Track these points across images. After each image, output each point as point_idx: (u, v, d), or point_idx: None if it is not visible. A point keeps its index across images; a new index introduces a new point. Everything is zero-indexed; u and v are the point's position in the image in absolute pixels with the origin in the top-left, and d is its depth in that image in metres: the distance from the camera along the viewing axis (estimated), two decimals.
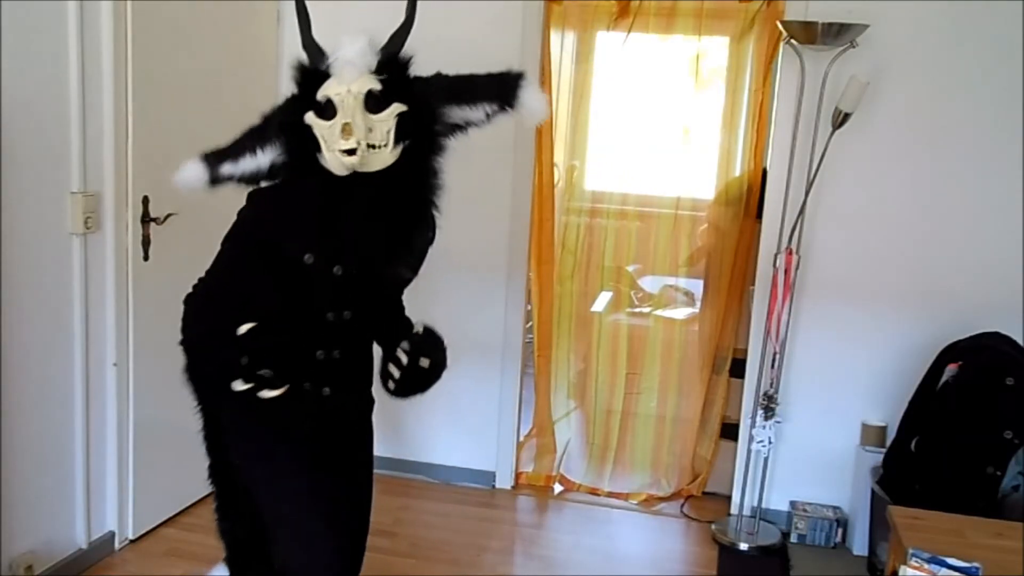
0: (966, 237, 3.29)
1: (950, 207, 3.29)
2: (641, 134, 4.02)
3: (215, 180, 1.87)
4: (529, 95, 1.82)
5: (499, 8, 3.53)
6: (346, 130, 1.69)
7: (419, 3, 1.82)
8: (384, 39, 1.80)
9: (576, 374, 4.14)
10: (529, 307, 3.92)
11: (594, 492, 3.88)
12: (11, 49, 2.49)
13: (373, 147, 1.74)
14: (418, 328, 2.01)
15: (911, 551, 2.05)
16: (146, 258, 3.03)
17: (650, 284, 4.30)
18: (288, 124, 1.80)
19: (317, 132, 1.75)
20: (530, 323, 4.00)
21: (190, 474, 3.36)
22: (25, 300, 2.63)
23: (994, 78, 3.19)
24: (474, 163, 3.52)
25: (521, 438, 3.99)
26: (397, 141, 1.76)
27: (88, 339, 2.87)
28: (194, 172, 1.87)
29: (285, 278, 1.84)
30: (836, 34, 3.05)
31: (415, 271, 1.98)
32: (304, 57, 1.82)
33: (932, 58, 3.23)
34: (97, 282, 2.88)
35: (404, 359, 1.93)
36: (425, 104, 1.79)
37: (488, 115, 1.84)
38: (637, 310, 4.26)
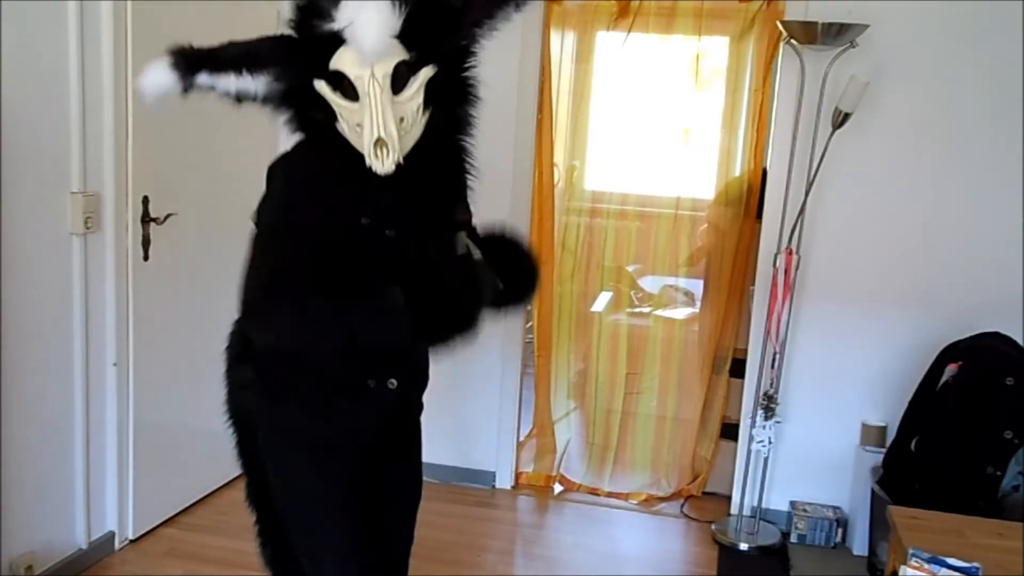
0: (966, 237, 3.29)
1: (950, 207, 3.29)
2: (641, 134, 4.02)
3: (188, 87, 1.56)
4: None
5: None
6: (380, 147, 1.45)
7: None
8: None
9: (576, 374, 4.14)
10: (529, 307, 3.92)
11: (594, 492, 3.88)
12: (11, 49, 2.49)
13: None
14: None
15: (911, 551, 2.05)
16: (146, 258, 3.03)
17: (650, 284, 4.30)
18: (292, 86, 1.54)
19: (334, 108, 1.51)
20: (530, 323, 4.00)
21: (190, 474, 3.38)
22: (25, 300, 2.63)
23: (994, 78, 3.18)
24: (474, 163, 3.52)
25: (521, 438, 3.99)
26: (425, 105, 1.51)
27: (88, 339, 2.87)
28: (163, 77, 1.54)
29: (350, 252, 1.58)
30: (836, 34, 3.05)
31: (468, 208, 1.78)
32: None
33: (932, 58, 3.23)
34: (97, 282, 2.88)
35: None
36: (456, 53, 1.53)
37: (518, 5, 1.55)
38: (637, 310, 4.26)
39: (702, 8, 3.61)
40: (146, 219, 3.01)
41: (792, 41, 3.14)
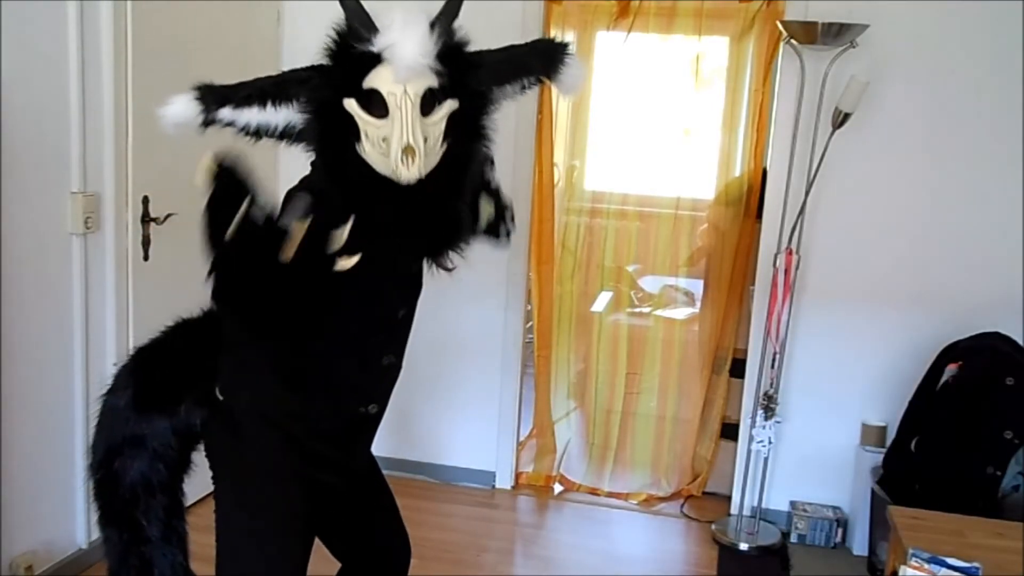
0: (966, 237, 3.29)
1: (950, 207, 3.29)
2: (641, 134, 4.02)
3: (209, 122, 1.61)
4: (573, 70, 1.70)
5: (499, 8, 3.53)
6: (409, 154, 1.48)
7: (419, 3, 1.56)
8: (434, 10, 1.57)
9: (576, 374, 4.14)
10: (529, 307, 3.92)
11: (594, 492, 3.88)
12: (11, 49, 2.49)
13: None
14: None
15: (911, 551, 2.05)
16: (146, 258, 3.03)
17: (650, 284, 4.30)
18: (322, 105, 1.54)
19: (360, 125, 1.52)
20: (530, 323, 4.00)
21: (190, 473, 3.37)
22: (25, 300, 2.63)
23: (994, 78, 3.19)
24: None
25: (521, 438, 3.99)
26: (444, 138, 1.56)
27: (88, 339, 2.87)
28: (186, 109, 1.59)
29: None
30: (836, 34, 3.05)
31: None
32: (343, 20, 1.54)
33: (932, 58, 3.23)
34: (97, 282, 2.88)
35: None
36: (477, 95, 1.62)
37: (525, 87, 1.72)
38: (637, 310, 4.27)
39: (702, 8, 3.61)
40: (146, 219, 3.01)
41: (792, 41, 3.14)
